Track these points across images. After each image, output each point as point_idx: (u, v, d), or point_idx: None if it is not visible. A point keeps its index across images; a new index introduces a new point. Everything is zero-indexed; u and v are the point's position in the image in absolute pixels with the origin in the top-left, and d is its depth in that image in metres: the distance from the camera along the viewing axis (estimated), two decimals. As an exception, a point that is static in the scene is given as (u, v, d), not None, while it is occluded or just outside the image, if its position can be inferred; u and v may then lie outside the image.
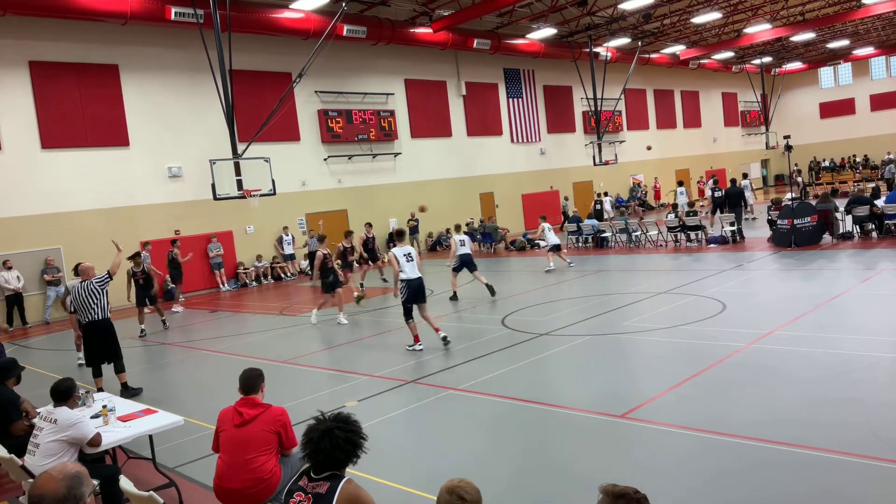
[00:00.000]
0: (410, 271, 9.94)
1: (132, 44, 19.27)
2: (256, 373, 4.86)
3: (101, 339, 8.90)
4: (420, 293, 10.00)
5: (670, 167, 39.16)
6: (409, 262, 10.00)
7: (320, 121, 23.52)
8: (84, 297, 8.81)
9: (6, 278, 16.84)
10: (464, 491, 2.69)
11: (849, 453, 5.02)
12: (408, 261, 10.00)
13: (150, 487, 4.55)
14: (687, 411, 6.33)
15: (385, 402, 7.63)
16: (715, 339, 8.70)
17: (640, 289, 13.21)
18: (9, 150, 17.41)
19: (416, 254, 10.21)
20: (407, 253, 10.04)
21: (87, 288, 8.83)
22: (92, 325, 8.84)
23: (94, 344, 8.93)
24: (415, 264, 10.03)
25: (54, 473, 2.56)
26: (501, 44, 26.66)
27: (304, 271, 22.74)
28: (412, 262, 10.02)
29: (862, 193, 19.24)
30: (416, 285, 9.92)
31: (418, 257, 10.28)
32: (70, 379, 5.21)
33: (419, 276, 9.98)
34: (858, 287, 11.22)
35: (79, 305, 8.90)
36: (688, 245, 19.29)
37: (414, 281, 9.90)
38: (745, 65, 41.51)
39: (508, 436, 6.34)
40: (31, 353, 13.34)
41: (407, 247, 10.20)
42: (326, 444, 3.22)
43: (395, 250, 10.09)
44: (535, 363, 8.65)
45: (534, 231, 21.96)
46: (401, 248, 10.10)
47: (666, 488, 4.80)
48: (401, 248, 10.13)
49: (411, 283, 9.88)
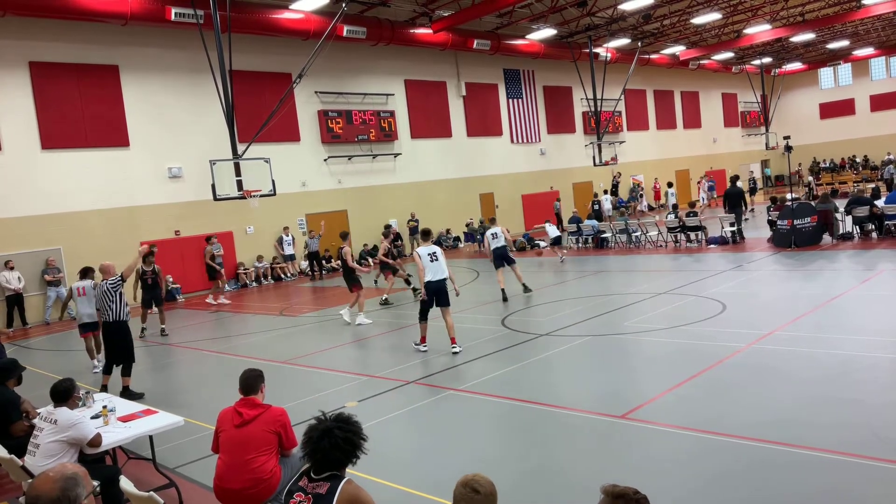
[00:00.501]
0: (434, 272, 9.59)
1: (132, 44, 19.28)
2: (256, 373, 4.86)
3: (112, 341, 8.99)
4: (441, 295, 9.63)
5: (670, 168, 39.17)
6: (434, 262, 9.63)
7: (320, 121, 23.52)
8: (100, 297, 9.08)
9: (7, 278, 16.84)
10: (478, 484, 2.81)
11: (849, 454, 5.02)
12: (432, 261, 9.64)
13: (150, 488, 4.55)
14: (687, 412, 6.33)
15: (385, 403, 7.62)
16: (715, 340, 8.70)
17: (641, 289, 13.20)
18: (9, 150, 17.41)
19: (441, 253, 9.82)
20: (432, 252, 9.70)
21: (102, 288, 8.99)
22: (105, 325, 9.05)
23: (107, 345, 9.09)
24: (441, 264, 9.65)
25: (51, 474, 2.55)
26: (501, 44, 26.67)
27: (303, 272, 22.76)
28: (437, 261, 9.65)
29: (862, 194, 19.23)
30: (436, 287, 9.57)
31: (444, 257, 9.88)
32: (70, 379, 5.21)
33: (442, 277, 9.61)
34: (858, 287, 11.22)
35: (98, 305, 9.25)
36: (688, 245, 19.29)
37: (434, 282, 9.57)
38: (745, 65, 41.52)
39: (509, 436, 6.34)
40: (32, 354, 13.33)
41: (432, 246, 9.85)
42: (325, 443, 3.22)
43: (419, 249, 9.82)
44: (536, 364, 8.65)
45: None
46: (425, 248, 9.78)
47: (666, 489, 4.80)
48: (425, 247, 9.82)
49: (431, 284, 9.56)
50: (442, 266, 9.65)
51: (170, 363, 11.47)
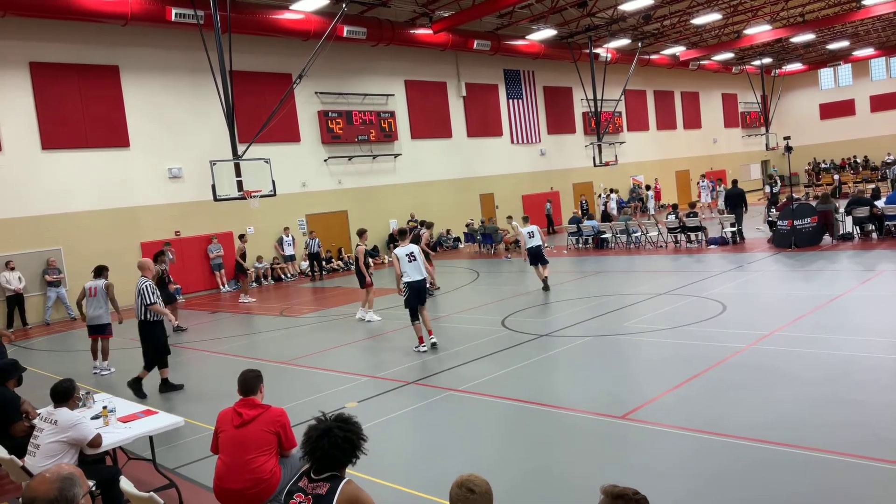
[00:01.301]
0: (412, 272, 9.75)
1: (133, 45, 19.29)
2: (255, 374, 4.87)
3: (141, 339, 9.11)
4: (422, 294, 9.84)
5: (670, 168, 39.19)
6: (412, 263, 9.77)
7: (320, 122, 23.52)
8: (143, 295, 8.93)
9: (8, 279, 16.83)
10: (473, 484, 2.81)
11: (850, 454, 5.02)
12: (410, 261, 9.77)
13: (150, 488, 4.55)
14: (687, 412, 6.32)
15: (386, 404, 7.62)
16: (715, 341, 8.69)
17: (641, 290, 13.20)
18: (9, 151, 17.41)
19: (419, 252, 9.93)
20: (409, 252, 9.81)
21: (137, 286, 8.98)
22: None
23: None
24: (418, 264, 9.79)
25: (48, 475, 2.55)
26: (501, 45, 26.67)
27: (304, 272, 22.76)
28: (415, 261, 9.79)
29: (862, 194, 19.24)
30: (418, 287, 9.73)
31: (422, 256, 10.03)
32: (69, 380, 5.20)
33: (421, 277, 9.78)
34: (859, 288, 11.22)
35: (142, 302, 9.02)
36: (688, 246, 19.29)
37: (415, 282, 9.72)
38: (745, 66, 41.52)
39: (509, 436, 6.33)
40: (32, 354, 13.33)
41: (410, 246, 9.96)
42: (325, 442, 3.23)
43: (397, 250, 9.94)
44: (536, 364, 8.65)
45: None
46: (403, 248, 9.89)
47: (666, 489, 4.80)
48: (403, 247, 9.93)
49: (412, 284, 9.72)
50: (420, 266, 9.81)
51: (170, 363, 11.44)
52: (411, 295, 9.75)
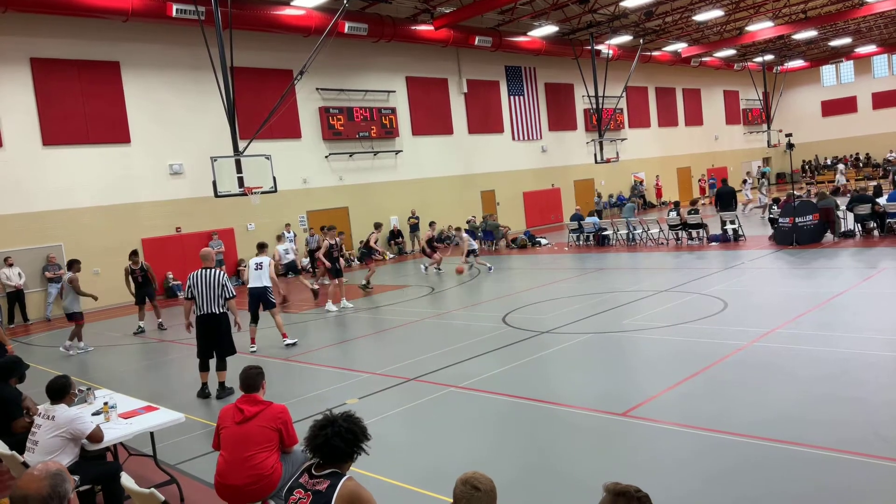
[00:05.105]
0: (253, 280, 11.00)
1: (133, 40, 19.26)
2: (257, 370, 4.87)
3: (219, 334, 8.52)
4: (263, 300, 11.00)
5: (672, 165, 39.14)
6: (258, 271, 10.99)
7: (321, 118, 23.50)
8: (203, 287, 8.35)
9: (8, 275, 16.84)
10: (477, 481, 2.83)
11: (850, 452, 5.02)
12: (256, 269, 11.01)
13: (151, 484, 4.55)
14: (688, 410, 6.32)
15: (386, 400, 7.62)
16: (716, 338, 8.69)
17: (642, 287, 13.20)
18: (10, 146, 17.40)
19: (267, 264, 11.12)
20: (258, 263, 11.07)
21: (216, 277, 8.38)
22: (205, 317, 8.38)
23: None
24: (264, 273, 10.99)
25: (36, 473, 2.53)
26: (503, 41, 26.61)
27: (304, 269, 22.72)
28: (261, 270, 10.99)
29: (864, 192, 19.19)
30: (257, 293, 10.92)
31: (270, 268, 11.15)
32: (65, 376, 5.20)
33: (261, 285, 10.92)
34: (860, 285, 11.20)
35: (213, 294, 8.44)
36: (689, 243, 19.28)
37: (252, 289, 10.95)
38: (747, 63, 41.41)
39: (509, 433, 6.34)
40: (33, 350, 13.34)
41: (262, 257, 11.29)
42: (328, 431, 3.29)
43: (251, 260, 11.45)
44: (536, 361, 8.65)
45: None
46: (255, 259, 11.25)
47: (667, 486, 4.80)
48: (255, 258, 11.29)
49: (251, 291, 10.98)
50: (265, 275, 11.03)
51: (170, 360, 11.47)
52: (250, 299, 10.95)
